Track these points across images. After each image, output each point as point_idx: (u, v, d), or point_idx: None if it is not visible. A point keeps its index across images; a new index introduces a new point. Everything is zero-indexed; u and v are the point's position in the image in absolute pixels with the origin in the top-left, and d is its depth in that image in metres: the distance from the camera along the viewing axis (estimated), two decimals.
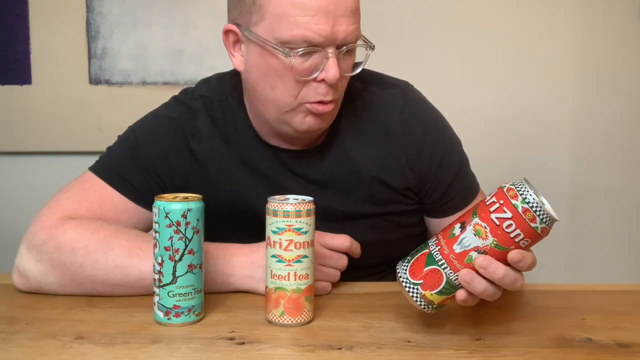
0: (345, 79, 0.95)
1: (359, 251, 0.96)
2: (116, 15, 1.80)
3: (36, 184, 1.85)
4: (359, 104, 1.04)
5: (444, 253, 0.75)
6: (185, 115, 1.04)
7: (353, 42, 0.92)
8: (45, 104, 1.82)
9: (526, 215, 0.72)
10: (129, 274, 0.90)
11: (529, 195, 0.72)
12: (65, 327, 0.81)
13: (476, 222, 0.74)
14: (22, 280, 0.94)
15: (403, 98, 1.05)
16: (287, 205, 0.80)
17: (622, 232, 1.89)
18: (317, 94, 0.92)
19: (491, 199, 0.75)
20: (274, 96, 0.94)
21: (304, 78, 0.91)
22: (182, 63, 1.81)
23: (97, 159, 1.05)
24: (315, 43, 0.88)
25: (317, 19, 0.87)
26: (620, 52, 1.81)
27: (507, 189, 0.74)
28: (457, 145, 1.09)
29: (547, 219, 0.72)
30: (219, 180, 1.03)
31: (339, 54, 0.90)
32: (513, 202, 0.73)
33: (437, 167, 1.05)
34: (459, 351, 0.75)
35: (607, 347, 0.76)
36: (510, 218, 0.73)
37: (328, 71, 0.89)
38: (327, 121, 0.98)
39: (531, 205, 0.72)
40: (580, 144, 1.86)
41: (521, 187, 0.73)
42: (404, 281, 0.77)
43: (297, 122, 0.95)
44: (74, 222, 0.94)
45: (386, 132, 1.04)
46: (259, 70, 0.94)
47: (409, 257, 0.79)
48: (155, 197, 0.82)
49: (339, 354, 0.74)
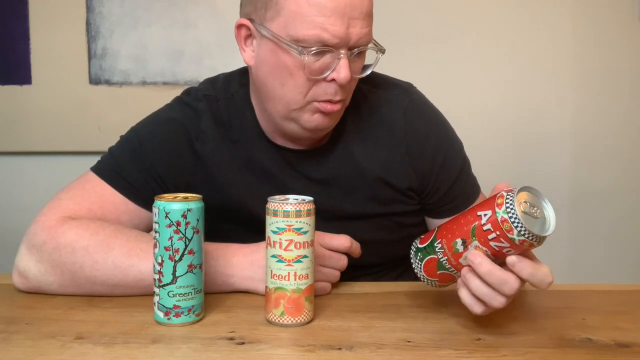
0: (354, 80, 0.96)
1: (359, 251, 0.96)
2: (116, 15, 1.80)
3: (36, 184, 1.85)
4: (363, 105, 1.05)
5: (452, 263, 0.79)
6: (189, 116, 1.04)
7: (365, 45, 0.92)
8: (45, 104, 1.82)
9: (503, 225, 0.72)
10: (129, 274, 0.90)
11: (510, 205, 0.72)
12: (65, 327, 0.81)
13: (476, 245, 0.75)
14: (22, 280, 0.94)
15: (407, 99, 1.06)
16: (287, 205, 0.80)
17: (622, 232, 1.89)
18: (326, 94, 0.93)
19: (484, 209, 0.75)
20: (282, 93, 0.94)
21: (315, 77, 0.91)
22: (182, 63, 1.81)
23: (99, 160, 1.04)
24: (329, 43, 0.89)
25: (332, 19, 0.87)
26: (620, 52, 1.81)
27: (499, 196, 0.74)
28: (459, 148, 1.10)
29: (525, 232, 0.71)
30: (223, 182, 1.03)
31: (350, 55, 0.91)
32: (497, 210, 0.73)
33: (439, 168, 1.05)
34: (459, 351, 0.75)
35: (607, 347, 0.76)
36: (492, 230, 0.74)
37: (339, 72, 0.90)
38: (334, 120, 0.98)
39: (510, 216, 0.72)
40: (580, 144, 1.86)
41: (509, 197, 0.73)
42: (421, 276, 0.83)
43: (304, 120, 0.95)
44: (74, 222, 0.94)
45: (390, 133, 1.04)
46: (269, 66, 0.94)
47: (420, 255, 0.82)
48: (155, 197, 0.82)
49: (339, 354, 0.74)
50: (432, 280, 0.83)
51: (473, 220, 0.76)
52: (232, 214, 1.03)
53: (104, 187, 1.00)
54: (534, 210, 0.74)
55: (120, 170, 1.01)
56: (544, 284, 0.75)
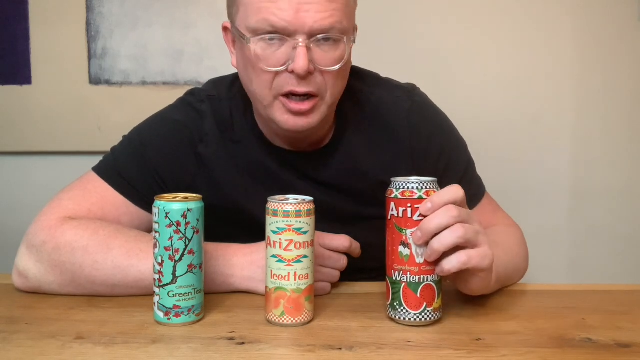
0: (329, 74, 0.92)
1: (358, 251, 0.96)
2: (116, 15, 1.80)
3: (36, 184, 1.85)
4: (366, 107, 1.04)
5: (415, 272, 0.80)
6: (193, 118, 1.04)
7: (329, 32, 0.88)
8: (45, 104, 1.82)
9: (405, 195, 0.80)
10: (129, 275, 0.90)
11: (392, 186, 0.82)
12: (65, 327, 0.81)
13: (412, 233, 0.80)
14: (22, 280, 0.94)
15: (410, 101, 1.05)
16: (287, 205, 0.80)
17: (622, 232, 1.89)
18: (288, 84, 0.90)
19: (391, 210, 0.82)
20: (254, 89, 0.94)
21: (273, 68, 0.90)
22: (182, 63, 1.81)
23: (101, 159, 1.04)
24: (279, 28, 0.87)
25: (280, 3, 0.86)
26: (620, 52, 1.81)
27: (389, 193, 0.82)
28: (463, 149, 1.10)
29: (419, 183, 0.80)
30: (224, 185, 1.03)
31: (310, 44, 0.88)
32: (389, 197, 0.82)
33: (442, 172, 1.03)
34: (458, 351, 0.75)
35: (607, 347, 0.76)
36: (403, 209, 0.80)
37: (297, 61, 0.87)
38: (311, 120, 0.94)
39: (401, 188, 0.80)
40: (580, 144, 1.86)
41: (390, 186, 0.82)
42: (411, 320, 0.81)
43: (278, 120, 0.94)
44: (74, 222, 0.94)
45: (393, 135, 1.04)
46: (241, 64, 0.95)
47: (396, 303, 0.82)
48: (155, 197, 0.82)
49: (339, 354, 0.74)
50: (426, 311, 0.81)
51: (390, 227, 0.82)
52: (233, 217, 1.03)
53: (105, 188, 1.00)
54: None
55: (122, 171, 1.01)
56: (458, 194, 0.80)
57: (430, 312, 0.81)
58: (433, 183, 0.82)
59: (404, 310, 0.81)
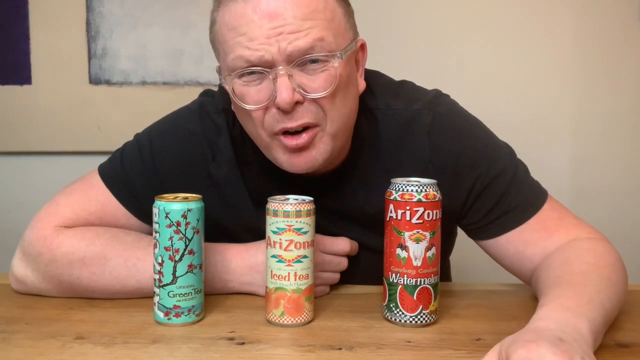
0: (324, 100, 0.82)
1: (356, 249, 0.96)
2: (116, 15, 1.80)
3: (36, 184, 1.84)
4: (380, 125, 0.93)
5: (412, 275, 0.80)
6: (210, 131, 0.96)
7: (308, 52, 0.80)
8: (45, 104, 1.82)
9: (404, 198, 0.80)
10: (127, 285, 0.89)
11: (392, 188, 0.81)
12: (65, 327, 0.81)
13: (409, 236, 0.80)
14: (20, 285, 0.94)
15: (431, 115, 0.93)
16: (287, 206, 0.80)
17: (622, 232, 1.89)
18: (278, 122, 0.82)
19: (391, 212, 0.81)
20: (250, 132, 0.89)
21: (256, 106, 0.83)
22: (182, 63, 1.81)
23: (109, 159, 0.99)
24: (254, 61, 0.80)
25: (249, 34, 0.80)
26: (621, 52, 1.81)
27: (388, 194, 0.81)
28: (503, 158, 0.95)
29: (419, 186, 0.80)
30: (234, 205, 0.97)
31: (292, 70, 0.80)
32: (389, 199, 0.81)
33: (481, 189, 0.92)
34: (458, 351, 0.75)
35: (607, 347, 0.76)
36: (402, 210, 0.80)
37: (278, 94, 0.80)
38: (315, 155, 0.85)
39: (402, 190, 0.80)
40: (581, 144, 1.86)
41: (389, 188, 0.82)
42: (407, 322, 0.82)
43: (280, 160, 0.87)
44: (69, 232, 0.92)
45: (413, 158, 0.92)
46: (235, 109, 0.90)
47: (392, 304, 0.82)
48: (155, 197, 0.82)
49: (339, 354, 0.74)
50: (417, 314, 0.81)
51: (388, 229, 0.81)
52: (242, 235, 0.97)
53: (107, 197, 0.96)
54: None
55: (127, 180, 0.96)
56: None
57: (426, 315, 0.81)
58: (433, 186, 0.81)
59: (400, 312, 0.82)
